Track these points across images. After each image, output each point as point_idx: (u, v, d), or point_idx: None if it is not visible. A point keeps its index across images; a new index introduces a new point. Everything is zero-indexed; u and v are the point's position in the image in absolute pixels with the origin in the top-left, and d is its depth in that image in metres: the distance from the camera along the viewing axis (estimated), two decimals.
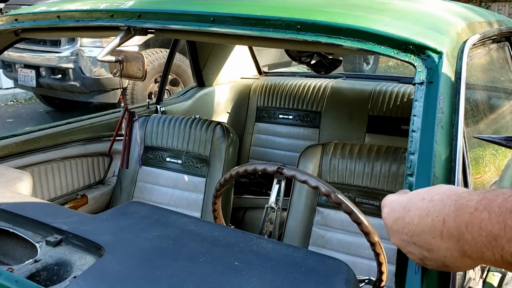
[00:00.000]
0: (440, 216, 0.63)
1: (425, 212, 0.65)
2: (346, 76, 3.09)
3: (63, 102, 6.19)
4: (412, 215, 0.67)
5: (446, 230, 0.62)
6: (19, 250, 1.11)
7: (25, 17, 1.57)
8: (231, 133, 2.10)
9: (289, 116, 2.90)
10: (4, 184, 1.35)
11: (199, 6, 1.28)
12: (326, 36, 1.06)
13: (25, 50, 5.39)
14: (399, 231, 0.69)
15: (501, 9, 11.42)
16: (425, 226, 0.65)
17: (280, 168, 1.15)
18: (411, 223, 0.67)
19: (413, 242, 0.67)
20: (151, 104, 2.64)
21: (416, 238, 0.67)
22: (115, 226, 1.08)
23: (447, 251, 0.63)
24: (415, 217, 0.66)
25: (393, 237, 0.71)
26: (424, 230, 0.65)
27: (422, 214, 0.65)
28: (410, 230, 0.67)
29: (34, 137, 1.98)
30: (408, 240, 0.68)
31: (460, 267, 0.65)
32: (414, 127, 0.91)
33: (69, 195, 2.16)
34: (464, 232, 0.59)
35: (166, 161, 2.18)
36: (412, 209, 0.67)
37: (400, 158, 1.64)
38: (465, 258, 0.62)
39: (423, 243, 0.66)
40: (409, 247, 0.69)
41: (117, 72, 1.67)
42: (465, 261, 0.62)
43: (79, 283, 0.86)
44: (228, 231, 1.09)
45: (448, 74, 0.97)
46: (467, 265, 0.64)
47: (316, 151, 1.79)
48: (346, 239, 1.69)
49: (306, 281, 0.87)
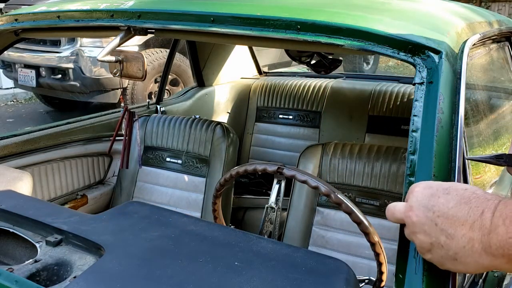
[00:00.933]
0: (480, 207, 0.63)
1: (465, 199, 0.65)
2: (346, 76, 3.09)
3: (63, 102, 6.19)
4: (450, 198, 0.67)
5: (480, 221, 0.62)
6: (19, 250, 1.11)
7: (25, 17, 1.57)
8: (231, 133, 2.10)
9: (289, 116, 2.90)
10: (4, 184, 1.35)
11: (199, 6, 1.28)
12: (326, 36, 1.06)
13: (25, 50, 5.39)
14: (428, 207, 0.69)
15: (501, 9, 11.42)
16: (459, 212, 0.65)
17: (280, 168, 1.15)
18: (446, 204, 0.67)
19: (436, 223, 0.67)
20: (151, 104, 2.64)
21: (442, 220, 0.66)
22: (115, 226, 1.07)
23: (469, 242, 0.63)
24: (452, 201, 0.67)
25: (417, 210, 0.70)
26: (456, 215, 0.65)
27: (461, 201, 0.66)
28: (440, 210, 0.67)
29: (34, 137, 1.98)
30: (432, 218, 0.68)
31: (468, 264, 0.65)
32: (414, 127, 0.91)
33: (69, 195, 2.16)
34: (499, 225, 0.60)
35: (166, 161, 2.18)
36: (452, 194, 0.68)
37: (400, 158, 1.65)
38: (482, 254, 0.62)
39: (448, 227, 0.66)
40: (427, 226, 0.68)
41: (117, 72, 1.67)
42: (478, 258, 0.63)
43: (79, 283, 0.86)
44: (228, 231, 1.09)
45: (448, 74, 0.97)
46: (477, 263, 0.64)
47: (316, 151, 1.79)
48: (346, 239, 1.69)
49: (306, 281, 0.87)
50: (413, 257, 0.79)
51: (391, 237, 1.55)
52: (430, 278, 0.78)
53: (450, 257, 0.67)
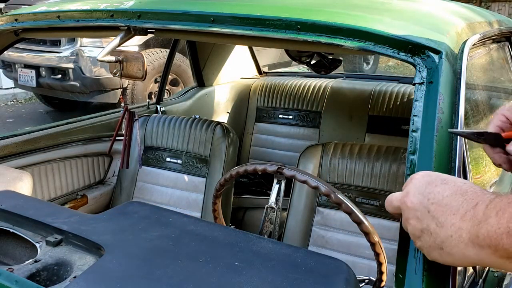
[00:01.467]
0: (475, 199, 0.63)
1: (462, 191, 0.66)
2: (346, 76, 3.09)
3: (63, 102, 6.19)
4: (447, 188, 0.68)
5: (472, 212, 0.62)
6: (19, 250, 1.11)
7: (25, 17, 1.57)
8: (231, 133, 2.11)
9: (289, 116, 2.90)
10: (4, 184, 1.35)
11: (199, 6, 1.28)
12: (326, 36, 1.06)
13: (25, 50, 5.39)
14: (424, 194, 0.69)
15: (501, 9, 11.42)
16: (454, 202, 0.65)
17: (280, 168, 1.15)
18: (441, 193, 0.67)
19: (428, 209, 0.68)
20: (151, 104, 2.64)
21: (435, 207, 0.67)
22: (115, 226, 1.07)
23: (457, 232, 0.63)
24: (448, 190, 0.67)
25: (413, 196, 0.71)
26: (449, 204, 0.65)
27: (457, 191, 0.66)
28: (435, 197, 0.68)
29: (34, 137, 1.98)
30: (426, 205, 0.68)
31: (454, 255, 0.65)
32: (414, 127, 0.91)
33: (69, 195, 2.16)
34: (491, 217, 0.60)
35: (166, 161, 2.18)
36: (450, 184, 0.68)
37: (400, 158, 1.65)
38: (469, 245, 0.62)
39: (439, 215, 0.66)
40: (420, 212, 0.69)
41: (117, 72, 1.67)
42: (464, 249, 0.63)
43: (79, 283, 0.86)
44: (228, 231, 1.09)
45: (448, 74, 0.97)
46: (463, 254, 0.64)
47: (316, 151, 1.79)
48: (346, 239, 1.69)
49: (306, 281, 0.87)
50: (413, 257, 0.79)
51: (391, 237, 1.55)
52: (430, 278, 0.78)
53: (437, 246, 0.67)
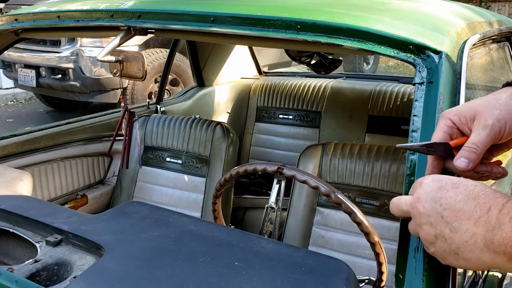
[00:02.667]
0: (487, 203, 0.63)
1: (474, 195, 0.65)
2: (346, 76, 3.09)
3: (63, 102, 6.19)
4: (459, 192, 0.67)
5: (486, 217, 0.62)
6: (19, 250, 1.11)
7: (25, 17, 1.57)
8: (231, 133, 2.11)
9: (289, 116, 2.90)
10: (4, 184, 1.35)
11: (199, 6, 1.28)
12: (326, 36, 1.06)
13: (25, 50, 5.39)
14: (436, 199, 0.69)
15: (501, 9, 11.42)
16: (467, 206, 0.65)
17: (280, 168, 1.15)
18: (454, 198, 0.67)
19: (442, 215, 0.67)
20: (151, 104, 2.64)
21: (448, 213, 0.66)
22: (115, 226, 1.07)
23: (472, 237, 0.63)
24: (460, 195, 0.66)
25: (425, 202, 0.70)
26: (463, 209, 0.65)
27: (469, 196, 0.66)
28: (448, 203, 0.67)
29: (34, 137, 1.98)
30: (438, 210, 0.68)
31: (469, 260, 0.65)
32: (414, 127, 0.91)
33: (69, 195, 2.16)
34: (505, 223, 0.60)
35: (166, 161, 2.18)
36: (461, 188, 0.67)
37: (400, 158, 1.65)
38: (484, 250, 0.62)
39: (453, 220, 0.65)
40: (433, 218, 0.68)
41: (117, 72, 1.67)
42: (480, 254, 0.63)
43: (79, 283, 0.86)
44: (228, 231, 1.09)
45: (448, 74, 0.97)
46: (479, 259, 0.64)
47: (316, 151, 1.79)
48: (346, 239, 1.69)
49: (306, 281, 0.87)
50: (413, 257, 0.79)
51: (391, 237, 1.55)
52: (430, 278, 0.78)
53: (452, 251, 0.66)
